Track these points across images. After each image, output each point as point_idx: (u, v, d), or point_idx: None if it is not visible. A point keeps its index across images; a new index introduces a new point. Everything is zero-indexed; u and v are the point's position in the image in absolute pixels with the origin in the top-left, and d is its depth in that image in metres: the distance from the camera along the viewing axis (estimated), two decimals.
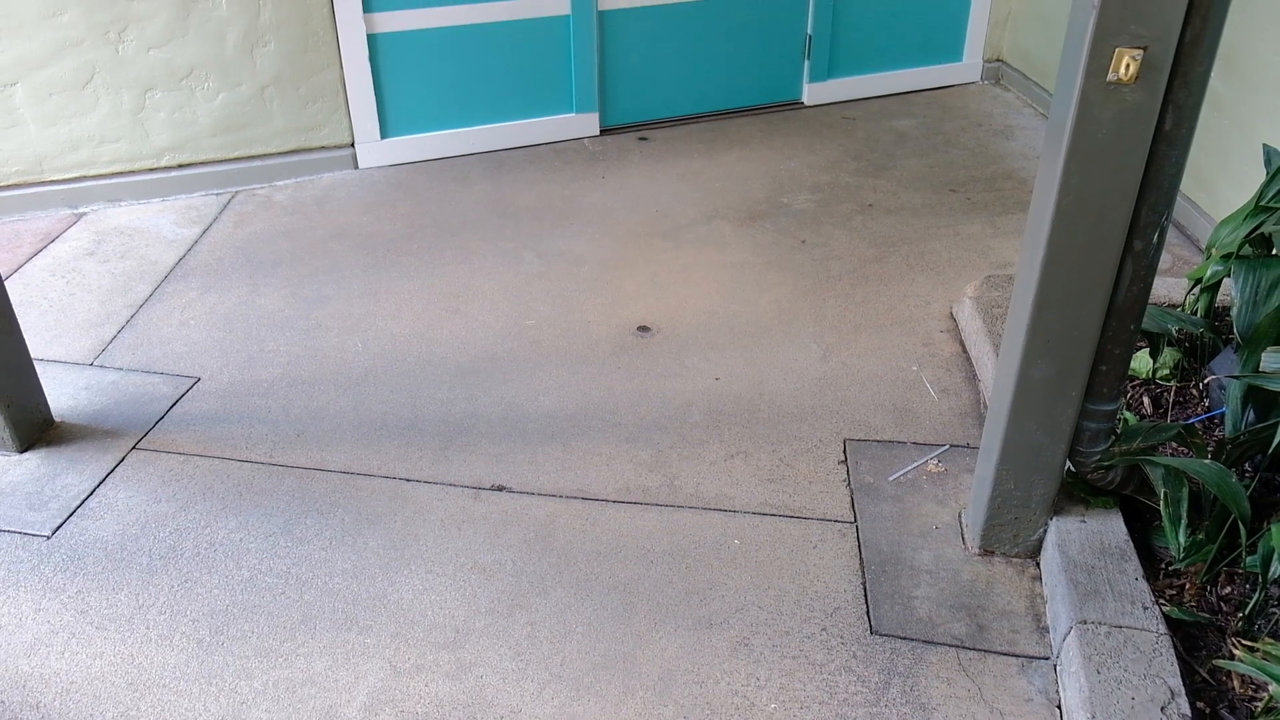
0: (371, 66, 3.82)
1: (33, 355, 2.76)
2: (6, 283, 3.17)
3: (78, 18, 3.39)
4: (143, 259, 3.37)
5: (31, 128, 3.50)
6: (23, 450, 2.52)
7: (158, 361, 2.87)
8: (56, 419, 2.63)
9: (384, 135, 3.97)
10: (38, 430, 2.56)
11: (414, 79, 3.92)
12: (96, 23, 3.41)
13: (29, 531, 2.28)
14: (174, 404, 2.70)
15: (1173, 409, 2.46)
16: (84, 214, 3.64)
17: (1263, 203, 2.33)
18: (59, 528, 2.30)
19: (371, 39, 3.78)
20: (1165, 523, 1.96)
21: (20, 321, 2.69)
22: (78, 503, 2.36)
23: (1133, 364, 2.55)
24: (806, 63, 4.50)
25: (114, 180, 3.67)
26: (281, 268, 3.32)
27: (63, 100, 3.49)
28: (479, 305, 3.12)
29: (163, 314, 3.08)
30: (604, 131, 4.30)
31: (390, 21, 3.78)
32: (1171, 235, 3.41)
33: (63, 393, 2.73)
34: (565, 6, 3.99)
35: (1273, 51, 3.01)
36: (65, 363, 2.86)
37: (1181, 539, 1.95)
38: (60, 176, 3.61)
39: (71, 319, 3.05)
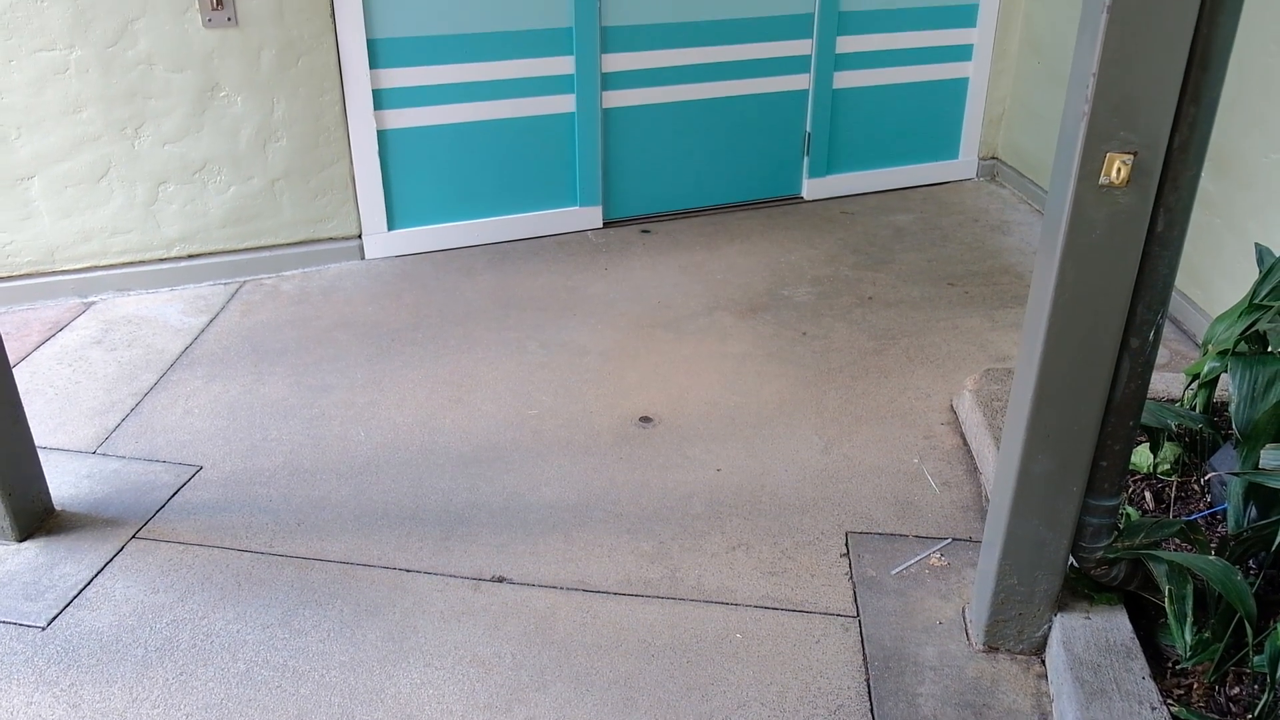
0: (380, 161, 3.92)
1: (36, 443, 2.77)
2: (14, 371, 3.20)
3: (97, 114, 3.49)
4: (149, 347, 3.40)
5: (46, 219, 3.57)
6: (22, 539, 2.51)
7: (160, 450, 2.88)
8: (57, 507, 2.62)
9: (391, 227, 4.04)
10: (37, 519, 2.56)
11: (422, 173, 4.01)
12: (115, 119, 3.51)
13: (24, 623, 2.26)
14: (175, 492, 2.70)
15: (1175, 504, 2.46)
16: (93, 303, 3.69)
17: (1257, 300, 2.36)
18: (54, 619, 2.27)
19: (381, 134, 3.88)
20: (1171, 620, 1.95)
21: (25, 409, 2.70)
22: (75, 593, 2.34)
23: (1133, 458, 2.56)
24: (806, 159, 4.61)
25: (124, 270, 3.73)
26: (287, 356, 3.35)
27: (78, 193, 3.57)
28: (482, 395, 3.14)
29: (167, 402, 3.10)
30: (607, 224, 4.38)
31: (400, 118, 3.89)
32: (1168, 330, 3.45)
33: (64, 481, 2.73)
34: (570, 104, 4.11)
35: (1260, 153, 3.09)
36: (68, 451, 2.86)
37: (1188, 637, 1.94)
38: (71, 266, 3.67)
39: (76, 407, 3.07)
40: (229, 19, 3.51)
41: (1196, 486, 2.50)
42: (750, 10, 4.24)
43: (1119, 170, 1.64)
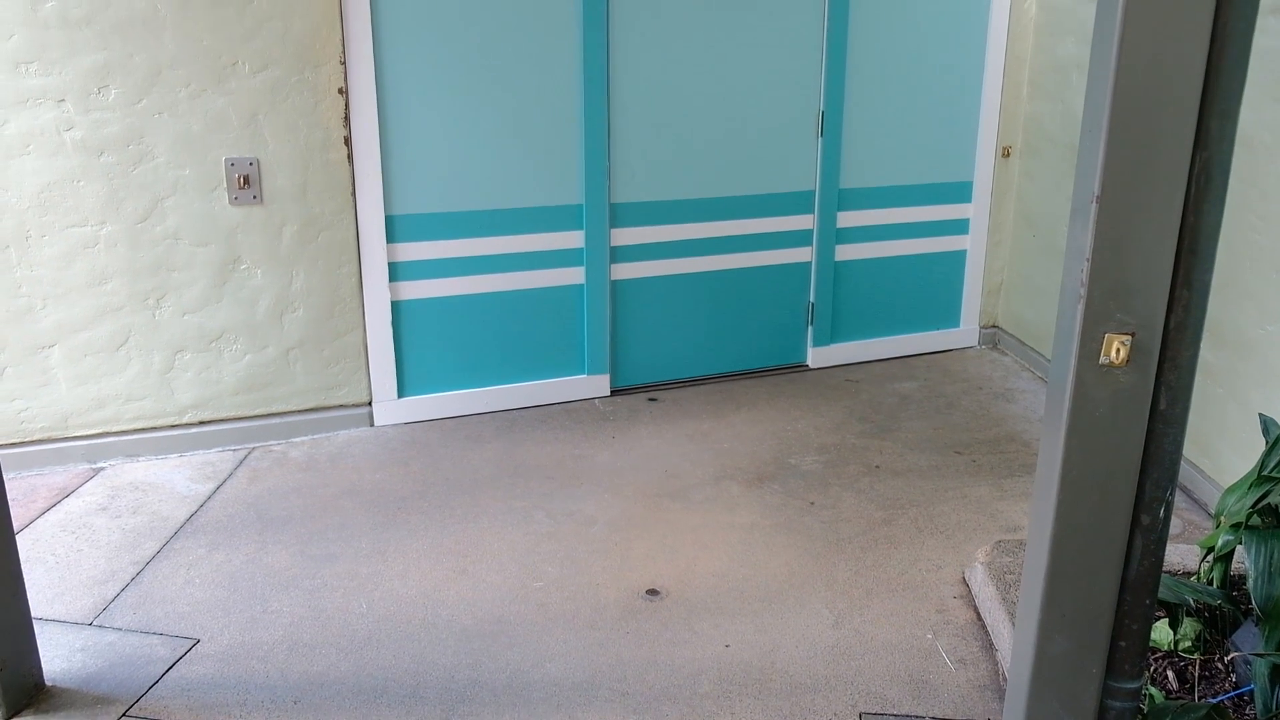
0: (393, 331, 4.00)
1: (33, 614, 2.73)
2: (17, 538, 3.18)
3: (121, 286, 3.59)
4: (154, 515, 3.38)
5: (63, 387, 3.62)
6: (8, 718, 2.43)
7: (158, 621, 2.82)
8: (48, 682, 2.56)
9: (401, 394, 4.09)
10: (26, 696, 2.48)
11: (433, 342, 4.09)
12: (138, 290, 3.62)
13: None
14: (170, 667, 2.63)
15: (1199, 684, 2.38)
16: (101, 468, 3.70)
17: (1265, 472, 2.36)
18: None
19: (395, 305, 3.98)
20: None
21: (25, 578, 2.67)
22: None
23: (1153, 635, 2.49)
24: (810, 328, 4.70)
25: (135, 436, 3.76)
26: (292, 525, 3.33)
27: (96, 361, 3.64)
28: (487, 566, 3.10)
29: (169, 571, 3.06)
30: (614, 392, 4.42)
31: (414, 289, 4.00)
32: (1179, 500, 3.43)
33: (57, 654, 2.67)
34: (579, 276, 4.22)
35: (1255, 325, 3.15)
36: (64, 622, 2.81)
37: None
38: (83, 433, 3.70)
39: (76, 576, 3.03)
40: (254, 197, 3.66)
41: (1220, 664, 2.43)
42: (754, 188, 4.42)
43: (1118, 350, 1.67)
